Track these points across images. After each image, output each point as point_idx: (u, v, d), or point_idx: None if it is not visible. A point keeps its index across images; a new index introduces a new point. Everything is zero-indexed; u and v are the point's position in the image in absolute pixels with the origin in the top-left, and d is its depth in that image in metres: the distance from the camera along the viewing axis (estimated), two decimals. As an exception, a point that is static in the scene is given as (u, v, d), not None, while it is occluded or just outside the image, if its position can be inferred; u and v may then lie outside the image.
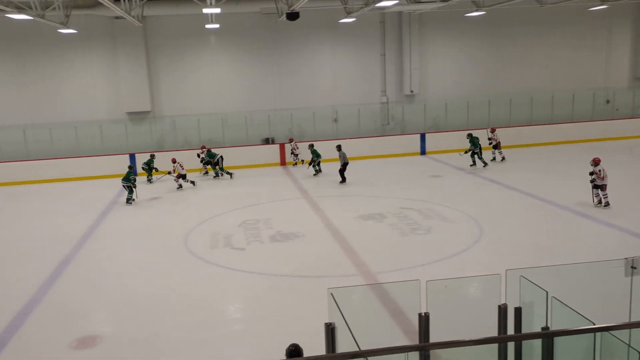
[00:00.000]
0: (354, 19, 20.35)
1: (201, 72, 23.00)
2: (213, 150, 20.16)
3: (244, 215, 14.44)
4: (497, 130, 20.54)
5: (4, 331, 8.33)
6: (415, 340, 5.68)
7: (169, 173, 18.99)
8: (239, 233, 12.87)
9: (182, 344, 7.77)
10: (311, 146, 19.70)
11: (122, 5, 16.63)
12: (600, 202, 13.35)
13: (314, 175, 19.44)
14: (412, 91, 24.12)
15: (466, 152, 19.21)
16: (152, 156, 19.84)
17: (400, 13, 23.46)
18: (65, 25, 17.29)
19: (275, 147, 22.32)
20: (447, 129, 23.71)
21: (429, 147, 22.54)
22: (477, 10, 19.85)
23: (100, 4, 17.86)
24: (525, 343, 5.07)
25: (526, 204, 14.31)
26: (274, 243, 12.06)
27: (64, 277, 10.61)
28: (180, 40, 22.54)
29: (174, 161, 18.39)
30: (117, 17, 20.83)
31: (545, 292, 4.91)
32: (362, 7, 18.23)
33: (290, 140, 21.81)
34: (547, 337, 4.64)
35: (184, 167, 18.28)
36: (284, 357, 5.52)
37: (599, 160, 13.42)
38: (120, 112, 22.45)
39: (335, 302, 4.94)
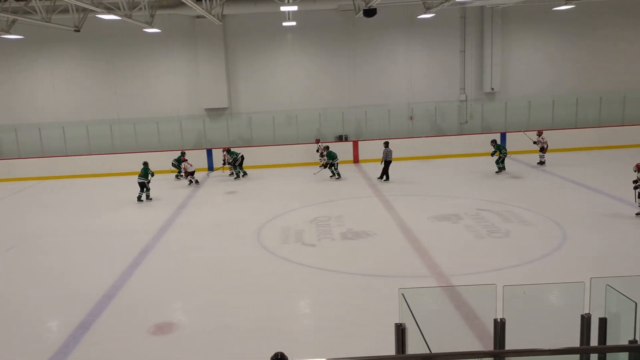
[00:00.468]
0: (432, 15, 19.87)
1: (277, 70, 23.32)
2: (233, 150, 20.42)
3: (315, 212, 14.46)
4: (544, 132, 19.77)
5: (88, 315, 8.76)
6: (489, 347, 5.39)
7: (178, 172, 20.02)
8: (310, 229, 12.89)
9: (252, 336, 7.85)
10: (326, 148, 19.27)
11: (203, 4, 17.13)
12: None
13: (333, 178, 18.78)
14: (492, 88, 23.24)
15: (497, 156, 18.49)
16: (183, 153, 20.34)
17: (482, 8, 22.67)
18: (150, 24, 18.03)
19: (349, 145, 22.24)
20: (530, 128, 22.66)
21: (509, 146, 21.65)
22: (566, 4, 18.77)
23: (183, 3, 18.53)
24: (610, 356, 4.68)
25: (613, 208, 13.35)
26: (345, 241, 11.97)
27: (143, 266, 11.04)
28: (258, 38, 22.96)
29: (184, 160, 19.26)
30: (198, 17, 21.52)
31: (634, 303, 4.50)
32: (442, 3, 17.75)
33: (317, 141, 21.45)
34: (636, 350, 4.24)
35: (192, 164, 19.10)
36: None
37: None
38: (199, 109, 23.20)
39: (407, 302, 4.77)
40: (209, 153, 21.91)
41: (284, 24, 20.71)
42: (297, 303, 9.17)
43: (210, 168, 21.86)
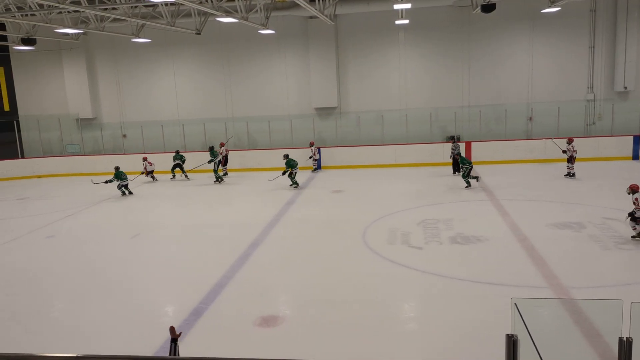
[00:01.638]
0: (558, 9, 18.56)
1: (387, 68, 23.10)
2: (215, 150, 20.86)
3: (424, 214, 14.06)
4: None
5: (201, 302, 9.16)
6: (615, 369, 4.85)
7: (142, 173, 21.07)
8: (418, 231, 12.54)
9: (355, 335, 7.75)
10: (286, 156, 18.38)
11: (316, 5, 17.39)
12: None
13: (292, 186, 18.21)
14: (625, 87, 21.24)
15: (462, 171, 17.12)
16: (177, 152, 21.62)
17: (615, 0, 20.86)
18: (265, 26, 18.64)
19: (461, 146, 21.44)
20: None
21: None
22: None
23: (297, 5, 18.94)
24: None
25: None
26: (454, 245, 11.49)
27: (253, 259, 11.37)
28: (369, 37, 22.89)
29: (145, 159, 20.70)
30: (310, 17, 21.91)
31: None
32: (569, -5, 16.55)
33: (311, 144, 20.90)
34: None
35: (152, 164, 20.93)
36: None
37: (638, 188, 10.75)
38: (309, 108, 23.61)
39: (520, 313, 4.42)
40: (318, 152, 22.21)
41: (397, 22, 20.47)
42: (401, 305, 8.93)
43: (319, 167, 22.15)
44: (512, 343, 4.05)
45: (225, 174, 21.61)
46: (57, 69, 25.60)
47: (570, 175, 17.59)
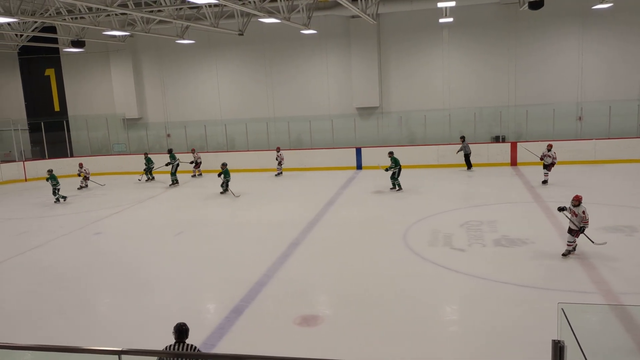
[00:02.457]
0: (610, 5, 17.87)
1: (430, 67, 22.78)
2: (174, 154, 21.16)
3: (467, 215, 13.78)
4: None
5: (241, 300, 9.23)
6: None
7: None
8: (461, 233, 12.30)
9: (395, 336, 7.65)
10: (224, 165, 18.13)
11: (358, 4, 17.31)
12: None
13: (222, 193, 18.13)
14: (681, 86, 20.30)
15: (387, 170, 17.24)
16: (146, 154, 21.88)
17: (672, -6, 19.97)
18: (307, 26, 18.68)
19: (506, 146, 20.96)
20: None
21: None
22: None
23: (339, 4, 18.90)
24: None
25: None
26: (498, 247, 11.21)
27: (292, 258, 11.40)
28: (411, 36, 22.64)
29: (80, 166, 20.86)
30: (352, 17, 21.83)
31: None
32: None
33: (277, 150, 20.72)
34: None
35: (89, 172, 21.11)
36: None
37: (581, 198, 10.08)
38: (350, 107, 23.52)
39: (567, 318, 4.26)
40: (358, 152, 22.12)
41: (441, 20, 20.18)
42: (443, 308, 8.76)
43: (359, 167, 22.05)
44: (558, 349, 3.91)
45: (200, 174, 22.34)
46: (104, 70, 26.39)
47: (544, 182, 16.65)
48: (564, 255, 10.22)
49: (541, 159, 16.88)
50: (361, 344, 7.59)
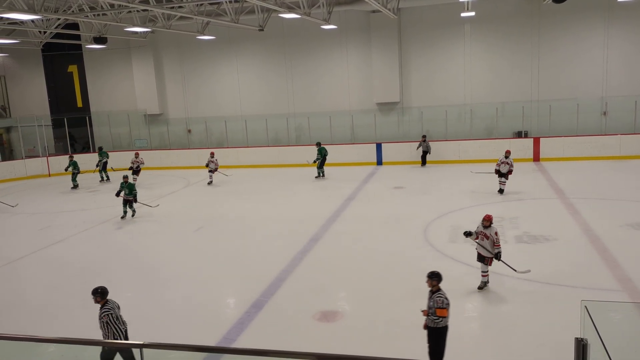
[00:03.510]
0: (635, -3, 17.51)
1: (452, 62, 22.54)
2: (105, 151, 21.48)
3: (488, 212, 13.59)
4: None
5: (261, 295, 9.28)
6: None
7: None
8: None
9: (415, 332, 7.60)
10: (125, 177, 15.63)
11: (379, -2, 17.18)
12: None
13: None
14: None
15: (315, 161, 19.18)
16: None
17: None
18: (327, 21, 18.62)
19: (529, 142, 20.66)
20: None
21: None
22: None
23: (359, -1, 18.80)
24: None
25: None
26: (520, 244, 11.08)
27: (312, 254, 11.41)
28: (432, 30, 22.42)
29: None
30: (373, 11, 21.68)
31: None
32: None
33: (212, 155, 20.10)
34: None
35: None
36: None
37: (491, 218, 9.13)
38: (370, 103, 23.40)
39: (590, 316, 4.19)
40: (379, 147, 22.02)
41: (462, 14, 19.95)
42: (463, 305, 8.68)
43: (379, 162, 21.96)
44: (581, 347, 3.85)
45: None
46: (126, 66, 26.65)
47: (500, 191, 15.55)
48: (479, 288, 8.98)
49: (496, 171, 15.53)
50: (381, 340, 7.57)
